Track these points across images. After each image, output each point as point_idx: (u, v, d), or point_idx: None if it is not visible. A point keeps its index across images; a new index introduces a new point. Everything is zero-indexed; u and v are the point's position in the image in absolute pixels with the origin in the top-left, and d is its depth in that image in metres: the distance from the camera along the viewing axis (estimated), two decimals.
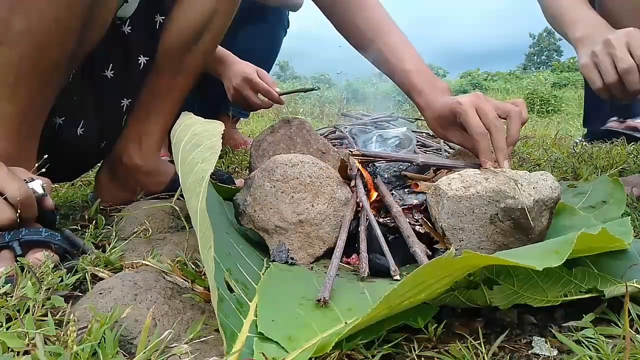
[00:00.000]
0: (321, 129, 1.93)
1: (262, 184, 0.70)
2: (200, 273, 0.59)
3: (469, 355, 0.45)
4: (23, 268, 0.56)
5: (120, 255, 0.66)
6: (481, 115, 0.80)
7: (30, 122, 0.72)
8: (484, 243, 0.64)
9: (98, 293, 0.51)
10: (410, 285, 0.44)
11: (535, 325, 0.53)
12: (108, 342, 0.43)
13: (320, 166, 0.72)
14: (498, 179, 0.64)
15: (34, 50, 0.66)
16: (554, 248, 0.47)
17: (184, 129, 0.65)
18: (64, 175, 1.06)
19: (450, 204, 0.64)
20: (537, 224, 0.64)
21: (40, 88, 0.70)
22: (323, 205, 0.70)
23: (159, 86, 0.97)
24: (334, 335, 0.44)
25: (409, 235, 0.64)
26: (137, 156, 0.98)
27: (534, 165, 1.43)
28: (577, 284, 0.54)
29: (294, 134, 0.92)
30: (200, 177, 0.52)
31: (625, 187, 0.83)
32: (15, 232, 0.62)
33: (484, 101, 0.82)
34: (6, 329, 0.45)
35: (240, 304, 0.50)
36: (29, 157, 0.73)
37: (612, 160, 1.31)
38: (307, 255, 0.70)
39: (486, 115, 0.80)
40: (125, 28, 0.91)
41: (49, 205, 0.67)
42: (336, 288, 0.54)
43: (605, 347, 0.45)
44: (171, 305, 0.51)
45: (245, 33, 1.82)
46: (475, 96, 0.83)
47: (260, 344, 0.44)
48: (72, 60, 0.75)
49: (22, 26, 0.64)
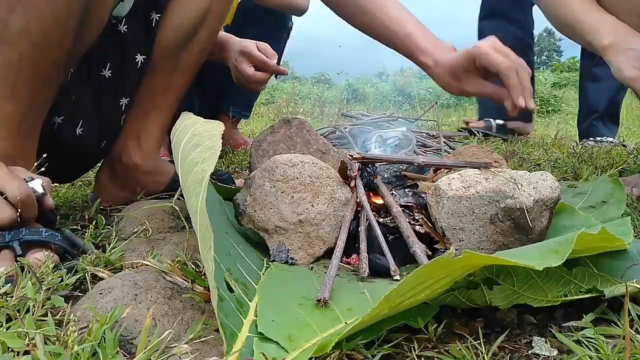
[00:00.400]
0: (321, 129, 1.93)
1: (262, 184, 0.70)
2: (200, 273, 0.59)
3: (469, 355, 0.45)
4: (23, 268, 0.56)
5: (120, 255, 0.66)
6: (503, 55, 0.82)
7: (30, 121, 0.72)
8: (484, 243, 0.64)
9: (98, 293, 0.51)
10: (410, 285, 0.44)
11: (535, 325, 0.53)
12: (108, 342, 0.43)
13: (320, 166, 0.72)
14: (498, 179, 0.64)
15: (33, 49, 0.66)
16: (553, 248, 0.47)
17: (184, 129, 0.65)
18: (64, 176, 1.06)
19: (450, 204, 0.64)
20: (537, 224, 0.64)
21: (39, 87, 0.70)
22: (323, 205, 0.70)
23: (156, 84, 0.97)
24: (334, 335, 0.44)
25: (409, 235, 0.64)
26: (136, 155, 0.98)
27: (534, 165, 1.43)
28: (577, 284, 0.54)
29: (294, 134, 0.92)
30: (200, 177, 0.52)
31: (625, 187, 0.83)
32: (16, 232, 0.62)
33: (501, 44, 0.83)
34: (6, 329, 0.45)
35: (240, 304, 0.50)
36: (28, 157, 0.73)
37: (612, 160, 1.31)
38: (307, 255, 0.70)
39: (508, 54, 0.81)
40: (122, 27, 0.91)
41: (49, 205, 0.67)
42: (336, 288, 0.54)
43: (605, 347, 0.45)
44: (171, 305, 0.51)
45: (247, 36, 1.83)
46: (491, 40, 0.85)
47: (260, 344, 0.44)
48: (70, 59, 0.75)
49: (21, 25, 0.64)
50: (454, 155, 0.94)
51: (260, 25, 1.74)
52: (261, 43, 1.40)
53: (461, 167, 0.78)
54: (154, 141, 1.00)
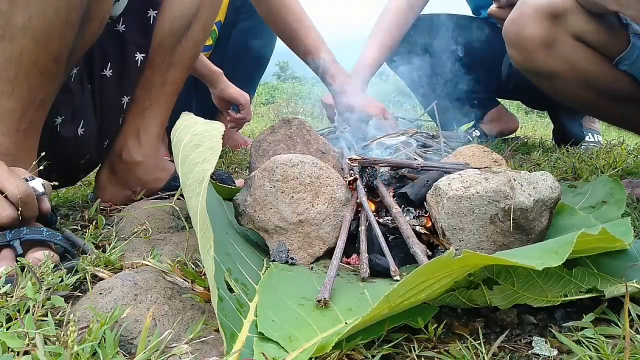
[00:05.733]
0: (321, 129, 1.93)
1: (262, 184, 0.70)
2: (200, 273, 0.59)
3: (469, 355, 0.45)
4: (23, 268, 0.56)
5: (120, 255, 0.66)
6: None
7: (31, 119, 0.72)
8: (484, 243, 0.64)
9: (98, 293, 0.51)
10: (410, 285, 0.44)
11: (535, 325, 0.53)
12: (108, 342, 0.43)
13: (320, 166, 0.72)
14: (498, 179, 0.64)
15: (34, 44, 0.66)
16: (554, 248, 0.47)
17: (185, 130, 0.65)
18: (67, 177, 1.06)
19: (450, 204, 0.64)
20: (537, 224, 0.64)
21: (40, 82, 0.70)
22: (323, 205, 0.70)
23: (153, 80, 0.97)
24: (334, 335, 0.44)
25: (409, 235, 0.64)
26: (136, 152, 0.98)
27: (534, 165, 1.43)
28: (577, 284, 0.54)
29: (294, 134, 0.92)
30: (201, 177, 0.52)
31: (626, 188, 0.83)
32: (17, 231, 0.62)
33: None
34: (6, 329, 0.45)
35: (240, 304, 0.50)
36: (28, 156, 0.73)
37: (612, 160, 1.31)
38: (307, 255, 0.70)
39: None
40: (120, 27, 0.92)
41: (47, 205, 0.67)
42: (336, 288, 0.55)
43: (605, 347, 0.45)
44: (171, 305, 0.51)
45: (239, 29, 1.84)
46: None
47: (260, 344, 0.44)
48: (71, 56, 0.75)
49: (22, 20, 0.64)
50: (454, 155, 0.94)
51: (252, 18, 1.76)
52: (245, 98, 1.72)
53: (460, 169, 0.78)
54: (153, 137, 1.00)
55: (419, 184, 0.75)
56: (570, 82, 1.21)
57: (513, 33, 1.20)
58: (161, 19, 0.94)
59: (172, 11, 0.94)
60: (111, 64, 0.93)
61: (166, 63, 0.97)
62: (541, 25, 1.14)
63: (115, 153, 0.99)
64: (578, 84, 1.21)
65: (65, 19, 0.68)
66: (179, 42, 0.96)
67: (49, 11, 0.65)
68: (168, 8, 0.94)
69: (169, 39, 0.95)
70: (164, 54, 0.96)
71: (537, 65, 1.21)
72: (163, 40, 0.95)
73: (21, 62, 0.66)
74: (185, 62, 0.99)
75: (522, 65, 1.24)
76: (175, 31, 0.95)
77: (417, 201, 0.73)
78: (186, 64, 0.99)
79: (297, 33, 1.50)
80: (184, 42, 0.96)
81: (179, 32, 0.95)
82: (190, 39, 0.97)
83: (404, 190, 0.75)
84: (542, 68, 1.21)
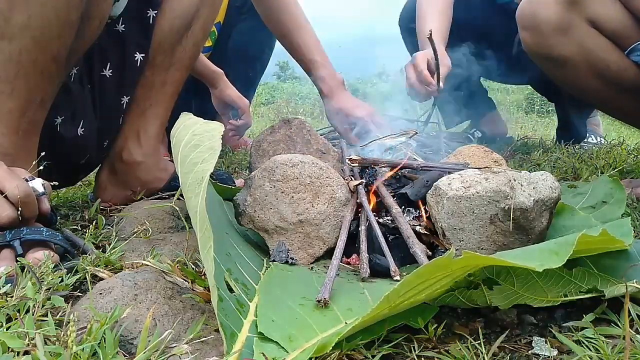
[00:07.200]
0: (321, 129, 1.93)
1: (262, 184, 0.70)
2: (200, 273, 0.59)
3: (469, 355, 0.45)
4: (23, 268, 0.56)
5: (120, 255, 0.66)
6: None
7: (30, 118, 0.72)
8: (484, 243, 0.64)
9: (98, 293, 0.51)
10: (410, 285, 0.44)
11: (535, 325, 0.53)
12: (108, 342, 0.43)
13: (320, 166, 0.72)
14: (498, 179, 0.64)
15: (33, 43, 0.66)
16: (554, 249, 0.46)
17: (184, 130, 0.65)
18: (67, 177, 1.06)
19: (450, 204, 0.64)
20: (537, 224, 0.64)
21: (39, 82, 0.70)
22: (323, 205, 0.70)
23: (153, 80, 0.97)
24: (334, 335, 0.44)
25: (409, 235, 0.64)
26: (137, 152, 0.99)
27: (534, 165, 1.43)
28: (577, 284, 0.54)
29: (294, 134, 0.92)
30: (200, 177, 0.52)
31: (626, 188, 0.83)
32: (17, 231, 0.62)
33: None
34: (6, 329, 0.45)
35: (240, 304, 0.50)
36: (28, 156, 0.73)
37: (612, 160, 1.31)
38: (307, 255, 0.70)
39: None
40: (120, 27, 0.92)
41: (47, 205, 0.67)
42: (336, 288, 0.54)
43: (605, 347, 0.45)
44: (171, 305, 0.51)
45: (239, 30, 1.84)
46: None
47: (260, 344, 0.44)
48: (71, 55, 0.75)
49: (22, 19, 0.64)
50: (454, 155, 0.94)
51: (252, 19, 1.76)
52: (244, 102, 1.73)
53: (460, 169, 0.78)
54: (153, 137, 1.00)
55: (419, 184, 0.75)
56: (580, 70, 1.18)
57: (528, 15, 1.16)
58: (161, 19, 0.94)
59: (172, 11, 0.94)
60: (111, 64, 0.93)
61: (166, 63, 0.97)
62: (558, 9, 1.11)
63: (115, 153, 0.99)
64: (587, 72, 1.18)
65: (65, 19, 0.68)
66: (179, 42, 0.96)
67: (48, 11, 0.65)
68: (168, 8, 0.94)
69: (168, 39, 0.95)
70: (163, 54, 0.96)
71: (549, 50, 1.17)
72: (163, 40, 0.95)
73: (20, 61, 0.66)
74: (185, 62, 0.99)
75: (534, 49, 1.20)
76: (175, 31, 0.95)
77: (417, 201, 0.73)
78: (186, 64, 0.99)
79: (291, 33, 1.49)
80: (184, 42, 0.97)
81: (178, 32, 0.95)
82: (190, 39, 0.97)
83: (404, 191, 0.75)
84: (554, 53, 1.17)
